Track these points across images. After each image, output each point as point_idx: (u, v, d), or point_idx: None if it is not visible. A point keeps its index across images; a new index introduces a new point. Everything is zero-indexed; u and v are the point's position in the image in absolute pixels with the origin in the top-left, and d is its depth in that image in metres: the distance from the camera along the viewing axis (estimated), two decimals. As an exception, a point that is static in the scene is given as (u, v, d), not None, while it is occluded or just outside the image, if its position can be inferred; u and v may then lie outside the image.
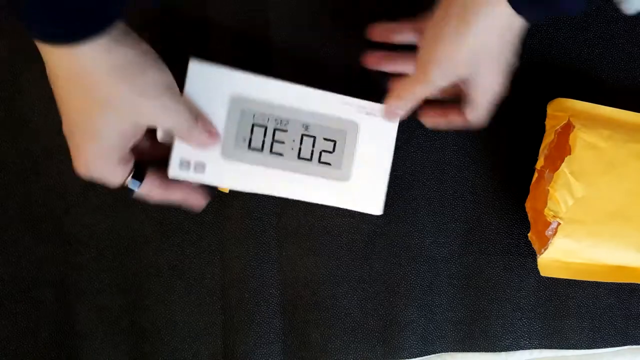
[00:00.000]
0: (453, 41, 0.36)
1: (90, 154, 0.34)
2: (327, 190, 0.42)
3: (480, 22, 0.34)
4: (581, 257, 0.47)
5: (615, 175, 0.45)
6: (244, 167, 0.41)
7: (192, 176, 0.40)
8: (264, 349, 0.48)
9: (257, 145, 0.41)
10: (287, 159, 0.41)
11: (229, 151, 0.40)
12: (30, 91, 0.46)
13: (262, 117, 0.41)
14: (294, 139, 0.41)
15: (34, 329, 0.47)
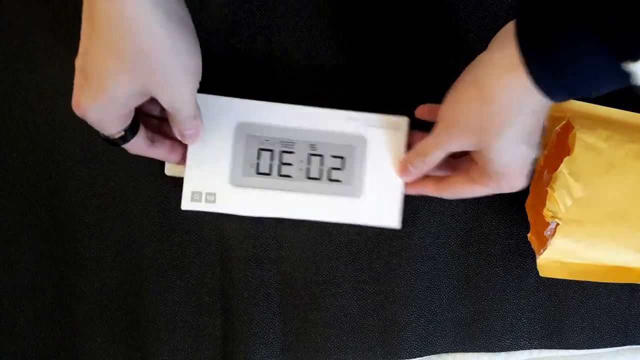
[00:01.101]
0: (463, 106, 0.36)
1: (91, 99, 0.33)
2: (341, 208, 0.42)
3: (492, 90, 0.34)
4: (580, 257, 0.47)
5: (615, 175, 0.45)
6: (254, 192, 0.41)
7: (205, 207, 0.41)
8: (264, 349, 0.48)
9: (264, 169, 0.41)
10: (296, 180, 0.42)
11: (237, 179, 0.41)
12: (30, 91, 0.46)
13: (268, 141, 0.41)
14: (302, 160, 0.42)
15: (34, 329, 0.46)
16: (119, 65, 0.31)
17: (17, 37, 0.46)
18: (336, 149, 0.42)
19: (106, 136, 0.36)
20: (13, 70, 0.46)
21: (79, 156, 0.47)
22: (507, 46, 0.33)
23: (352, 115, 0.42)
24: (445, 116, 0.38)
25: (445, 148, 0.39)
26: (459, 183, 0.41)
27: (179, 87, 0.34)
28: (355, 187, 0.42)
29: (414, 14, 0.49)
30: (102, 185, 0.47)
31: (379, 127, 0.43)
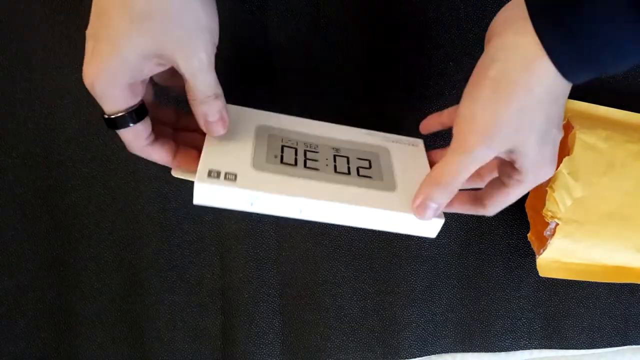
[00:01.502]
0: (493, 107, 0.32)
1: (101, 64, 0.31)
2: (376, 198, 0.36)
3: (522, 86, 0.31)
4: (580, 257, 0.47)
5: (614, 175, 0.45)
6: (279, 177, 0.36)
7: (223, 184, 0.34)
8: (264, 349, 0.48)
9: (289, 160, 0.37)
10: (323, 172, 0.37)
11: (260, 164, 0.36)
12: (30, 91, 0.46)
13: (291, 141, 0.38)
14: (327, 158, 0.38)
15: (34, 329, 0.46)
16: (130, 24, 0.30)
17: (17, 37, 0.46)
18: (361, 153, 0.39)
19: (109, 115, 0.34)
20: (13, 70, 0.46)
21: (79, 156, 0.47)
22: (523, 32, 0.30)
23: (370, 133, 0.41)
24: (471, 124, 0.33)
25: (478, 163, 0.33)
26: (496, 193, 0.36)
27: (194, 45, 0.32)
28: (387, 182, 0.38)
29: (414, 14, 0.49)
30: (102, 185, 0.47)
31: (397, 142, 0.41)
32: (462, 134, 0.33)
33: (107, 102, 0.33)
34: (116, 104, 0.33)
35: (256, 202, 0.35)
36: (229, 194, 0.34)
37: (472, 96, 0.33)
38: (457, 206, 0.38)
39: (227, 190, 0.34)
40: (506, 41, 0.32)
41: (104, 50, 0.31)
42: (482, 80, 0.33)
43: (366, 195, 0.36)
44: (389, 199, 0.36)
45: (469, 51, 0.50)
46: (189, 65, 0.32)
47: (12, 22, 0.46)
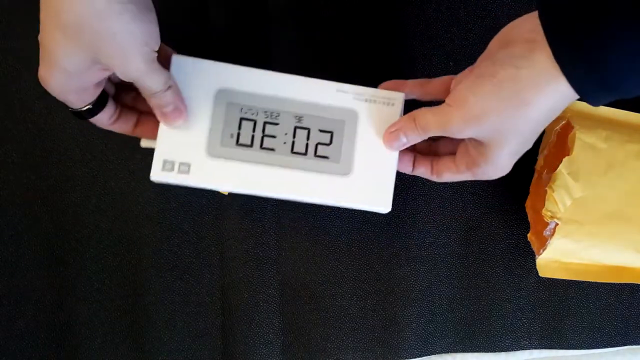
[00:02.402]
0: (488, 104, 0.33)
1: (50, 74, 0.33)
2: (326, 187, 0.38)
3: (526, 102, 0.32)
4: (580, 257, 0.47)
5: (614, 175, 0.45)
6: (233, 165, 0.37)
7: (176, 177, 0.37)
8: (264, 349, 0.48)
9: (245, 140, 0.37)
10: (279, 154, 0.38)
11: (215, 149, 0.37)
12: (30, 91, 0.46)
13: (251, 110, 0.38)
14: (286, 132, 0.38)
15: (33, 329, 0.46)
16: (65, 38, 0.31)
17: (17, 37, 0.46)
18: (325, 122, 0.38)
19: (73, 109, 0.36)
20: (13, 70, 0.46)
21: (79, 156, 0.47)
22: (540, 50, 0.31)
23: (343, 88, 0.39)
24: (463, 106, 0.34)
25: (453, 133, 0.35)
26: (448, 169, 0.39)
27: (128, 55, 0.32)
28: (344, 165, 0.38)
29: (414, 14, 0.49)
30: (102, 185, 0.47)
31: (371, 101, 0.39)
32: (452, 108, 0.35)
33: (67, 103, 0.35)
34: (74, 104, 0.35)
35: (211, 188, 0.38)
36: (184, 184, 0.37)
37: (472, 88, 0.34)
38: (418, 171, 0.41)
39: (181, 182, 0.37)
40: (527, 52, 0.32)
41: (49, 60, 0.32)
42: (488, 78, 0.33)
43: (317, 185, 0.38)
44: (340, 188, 0.38)
45: (469, 51, 0.50)
46: (127, 75, 0.33)
47: (12, 22, 0.46)
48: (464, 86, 0.34)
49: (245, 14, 0.48)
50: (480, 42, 0.50)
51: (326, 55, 0.49)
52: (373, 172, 0.38)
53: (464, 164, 0.38)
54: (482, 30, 0.50)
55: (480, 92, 0.33)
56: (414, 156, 0.41)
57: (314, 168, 0.38)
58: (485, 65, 0.34)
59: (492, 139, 0.34)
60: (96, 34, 0.31)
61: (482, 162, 0.36)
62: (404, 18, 0.49)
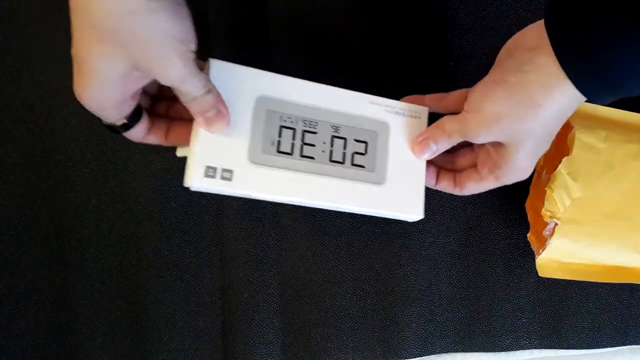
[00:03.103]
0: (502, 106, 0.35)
1: (87, 87, 0.31)
2: (363, 195, 0.39)
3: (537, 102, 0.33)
4: (579, 257, 0.47)
5: (613, 175, 0.45)
6: (274, 172, 0.37)
7: (219, 184, 0.36)
8: (264, 349, 0.48)
9: (286, 148, 0.38)
10: (318, 162, 0.38)
11: (256, 156, 0.37)
12: (30, 91, 0.46)
13: (290, 118, 0.38)
14: (324, 141, 0.39)
15: (34, 329, 0.46)
16: (100, 45, 0.30)
17: (17, 37, 0.46)
18: (360, 133, 0.39)
19: (108, 123, 0.35)
20: (13, 70, 0.46)
21: (79, 156, 0.47)
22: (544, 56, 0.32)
23: (375, 100, 0.40)
24: (478, 111, 0.36)
25: (472, 138, 0.37)
26: (470, 178, 0.41)
27: (168, 58, 0.31)
28: (379, 174, 0.39)
29: (414, 14, 0.50)
30: (102, 185, 0.47)
31: (400, 114, 0.41)
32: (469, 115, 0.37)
33: (103, 117, 0.34)
34: (110, 117, 0.34)
35: (250, 196, 0.37)
36: (224, 191, 0.36)
37: (485, 94, 0.36)
38: (441, 185, 0.42)
39: (223, 189, 0.36)
40: (533, 58, 0.33)
41: (85, 73, 0.31)
42: (500, 83, 0.35)
43: (354, 193, 0.39)
44: (376, 196, 0.39)
45: (469, 51, 0.50)
46: (168, 79, 0.32)
47: (12, 22, 0.46)
48: (478, 94, 0.36)
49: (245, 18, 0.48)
50: (480, 42, 0.50)
51: (326, 58, 0.49)
52: (404, 181, 0.40)
53: (487, 168, 0.39)
54: (481, 30, 0.50)
55: (492, 97, 0.35)
56: (437, 170, 0.42)
57: (351, 176, 0.39)
58: (495, 73, 0.36)
59: (509, 140, 0.36)
60: (132, 36, 0.30)
61: (503, 163, 0.37)
62: (403, 18, 0.49)
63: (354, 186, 0.39)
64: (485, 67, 0.50)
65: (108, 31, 0.29)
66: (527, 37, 0.35)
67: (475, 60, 0.50)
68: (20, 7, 0.46)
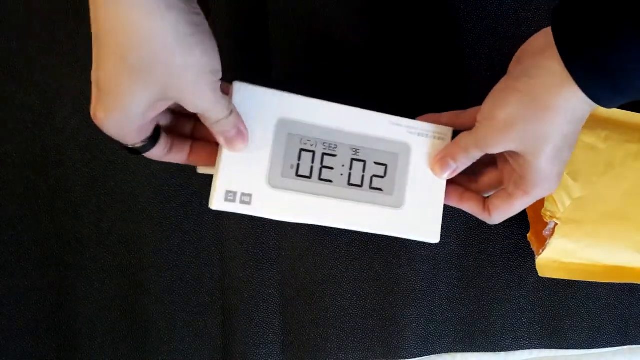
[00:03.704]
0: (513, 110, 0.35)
1: (108, 114, 0.31)
2: (380, 219, 0.39)
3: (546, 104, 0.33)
4: (579, 257, 0.47)
5: (613, 175, 0.45)
6: (292, 196, 0.38)
7: (238, 208, 0.37)
8: (263, 349, 0.48)
9: (305, 172, 0.38)
10: (336, 185, 0.39)
11: (276, 180, 0.38)
12: (30, 91, 0.46)
13: (310, 141, 0.39)
14: (344, 164, 0.39)
15: (34, 329, 0.46)
16: (130, 77, 0.30)
17: (17, 37, 0.46)
18: (380, 155, 0.40)
19: (126, 146, 0.35)
20: (13, 70, 0.46)
21: (79, 156, 0.47)
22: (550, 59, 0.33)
23: (397, 121, 0.40)
24: (491, 119, 0.36)
25: (489, 150, 0.37)
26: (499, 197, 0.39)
27: (198, 88, 0.31)
28: (396, 197, 0.40)
29: (414, 14, 0.50)
30: (102, 185, 0.47)
31: (423, 135, 0.40)
32: (482, 125, 0.37)
33: (122, 141, 0.34)
34: (130, 141, 0.34)
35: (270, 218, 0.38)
36: (245, 214, 0.38)
37: (495, 102, 0.36)
38: (466, 205, 0.41)
39: (242, 212, 0.37)
40: (539, 62, 0.34)
41: (108, 102, 0.31)
42: (509, 90, 0.35)
43: (372, 217, 0.39)
44: (393, 221, 0.40)
45: (469, 51, 0.50)
46: (196, 107, 0.33)
47: (12, 22, 0.46)
48: (489, 103, 0.36)
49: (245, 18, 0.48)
50: (480, 43, 0.50)
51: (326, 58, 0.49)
52: (423, 204, 0.40)
53: (512, 183, 0.38)
54: (481, 31, 0.50)
55: (503, 104, 0.35)
56: (462, 191, 0.41)
57: (369, 200, 0.39)
58: (504, 81, 0.36)
59: (526, 148, 0.35)
60: (168, 70, 0.30)
61: (527, 173, 0.36)
62: (403, 18, 0.49)
63: (371, 210, 0.39)
64: (485, 67, 0.50)
65: (141, 64, 0.29)
66: (533, 44, 0.35)
67: (475, 61, 0.50)
68: (20, 7, 0.46)
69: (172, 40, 0.29)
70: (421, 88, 0.49)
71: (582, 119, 0.34)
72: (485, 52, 0.50)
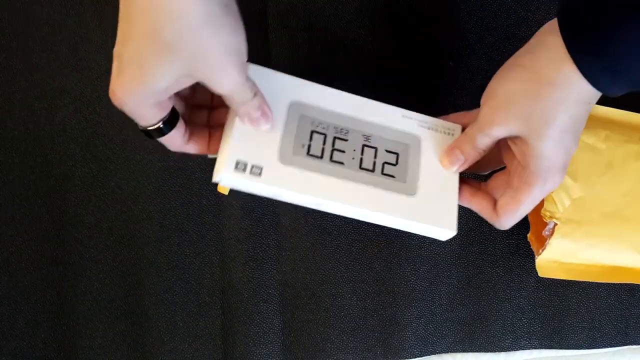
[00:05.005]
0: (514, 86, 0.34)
1: (129, 87, 0.31)
2: (393, 203, 0.38)
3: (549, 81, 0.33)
4: (579, 257, 0.47)
5: (613, 175, 0.45)
6: (304, 173, 0.37)
7: (248, 178, 0.36)
8: (263, 349, 0.48)
9: (316, 152, 0.37)
10: (348, 168, 0.38)
11: (287, 157, 0.37)
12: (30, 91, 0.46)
13: (322, 124, 0.38)
14: (355, 149, 0.38)
15: (33, 329, 0.46)
16: (159, 52, 0.30)
17: (17, 37, 0.46)
18: (391, 144, 0.39)
19: (143, 127, 0.35)
20: (13, 70, 0.46)
21: (79, 156, 0.47)
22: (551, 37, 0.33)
23: (408, 114, 0.40)
24: (493, 98, 0.35)
25: (493, 131, 0.36)
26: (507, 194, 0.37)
27: (225, 68, 0.31)
28: (409, 185, 0.38)
29: (415, 14, 0.50)
30: (102, 185, 0.47)
31: (433, 130, 0.40)
32: (483, 109, 0.36)
33: (139, 119, 0.33)
34: (148, 120, 0.34)
35: (278, 195, 0.37)
36: (253, 186, 0.36)
37: (497, 80, 0.35)
38: (477, 204, 0.40)
39: (251, 183, 0.36)
40: (542, 39, 0.34)
41: (132, 75, 0.31)
42: (512, 67, 0.35)
43: (385, 200, 0.37)
44: (407, 206, 0.38)
45: (469, 51, 0.50)
46: (222, 88, 0.32)
47: (12, 22, 0.46)
48: (492, 82, 0.36)
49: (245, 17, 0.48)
50: (480, 42, 0.50)
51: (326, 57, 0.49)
52: (437, 195, 0.39)
53: (517, 177, 0.36)
54: (482, 31, 0.50)
55: (504, 81, 0.35)
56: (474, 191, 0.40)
57: (381, 185, 0.38)
58: (508, 61, 0.36)
59: (529, 128, 0.34)
60: (195, 51, 0.30)
61: (531, 161, 0.35)
62: (403, 18, 0.49)
63: (384, 194, 0.38)
64: (486, 66, 0.50)
65: (170, 43, 0.29)
66: (542, 28, 0.35)
67: (475, 60, 0.50)
68: (20, 6, 0.46)
69: (202, 18, 0.29)
70: (421, 87, 0.49)
71: (587, 101, 0.33)
72: (485, 52, 0.50)
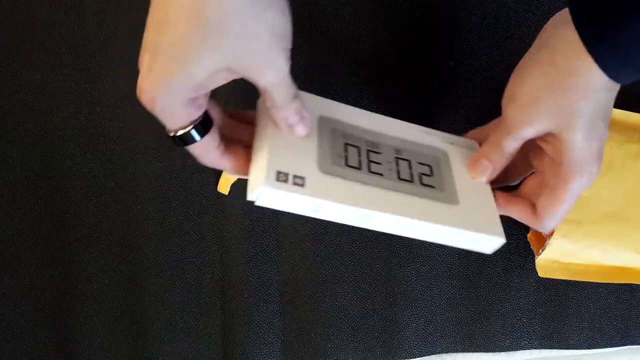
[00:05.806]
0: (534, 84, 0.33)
1: (163, 81, 0.28)
2: (439, 211, 0.36)
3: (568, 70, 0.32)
4: (579, 257, 0.47)
5: (613, 175, 0.45)
6: (346, 183, 0.34)
7: (290, 189, 0.32)
8: (263, 349, 0.48)
9: (354, 163, 0.36)
10: (387, 179, 0.36)
11: (327, 166, 0.35)
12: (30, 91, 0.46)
13: (353, 137, 0.37)
14: (389, 161, 0.37)
15: (34, 329, 0.46)
16: (202, 40, 0.27)
17: (17, 37, 0.46)
18: (421, 157, 0.38)
19: (173, 132, 0.31)
20: (13, 70, 0.46)
21: (79, 156, 0.47)
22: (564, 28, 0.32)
23: (428, 131, 0.40)
24: (515, 99, 0.34)
25: (521, 133, 0.34)
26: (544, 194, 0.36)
27: (271, 57, 0.29)
28: (450, 194, 0.37)
29: (414, 14, 0.50)
30: (102, 185, 0.47)
31: (454, 144, 0.40)
32: (506, 111, 0.35)
33: (170, 119, 0.30)
34: (179, 120, 0.30)
35: (322, 210, 0.34)
36: (296, 200, 0.33)
37: (516, 81, 0.34)
38: (514, 210, 0.38)
39: (294, 196, 0.32)
40: (556, 32, 0.33)
41: (167, 65, 0.28)
42: (529, 64, 0.34)
43: (433, 210, 0.36)
44: (455, 215, 0.36)
45: (469, 51, 0.50)
46: (266, 80, 0.30)
47: (12, 22, 0.46)
48: (511, 83, 0.35)
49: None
50: (480, 42, 0.50)
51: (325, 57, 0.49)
52: (477, 203, 0.38)
53: (553, 175, 0.35)
54: (482, 30, 0.50)
55: (525, 80, 0.34)
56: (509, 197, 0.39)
57: (425, 195, 0.36)
58: (524, 58, 0.35)
59: (559, 123, 0.33)
60: (243, 36, 0.28)
61: (565, 155, 0.34)
62: (403, 18, 0.49)
63: (431, 203, 0.36)
64: (486, 67, 0.50)
65: (215, 24, 0.27)
66: (552, 20, 0.34)
67: (475, 60, 0.50)
68: (20, 6, 0.46)
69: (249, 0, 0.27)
70: (421, 88, 0.49)
71: (611, 88, 0.32)
72: (485, 52, 0.50)
